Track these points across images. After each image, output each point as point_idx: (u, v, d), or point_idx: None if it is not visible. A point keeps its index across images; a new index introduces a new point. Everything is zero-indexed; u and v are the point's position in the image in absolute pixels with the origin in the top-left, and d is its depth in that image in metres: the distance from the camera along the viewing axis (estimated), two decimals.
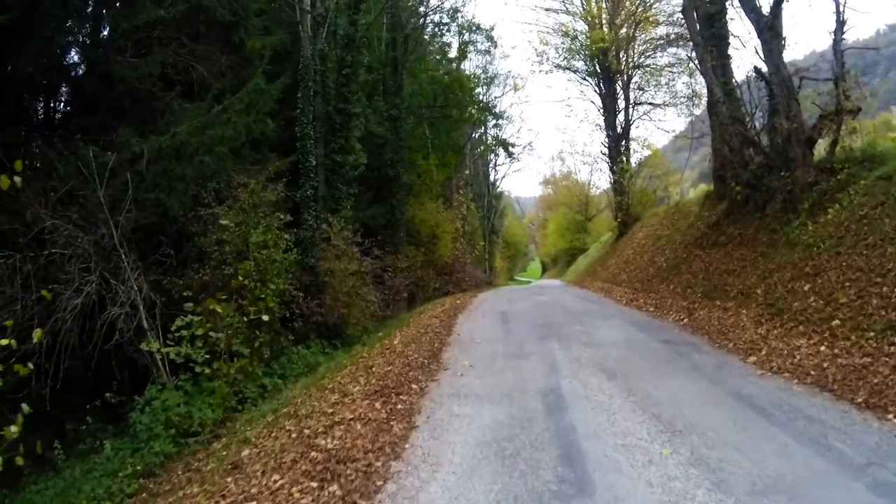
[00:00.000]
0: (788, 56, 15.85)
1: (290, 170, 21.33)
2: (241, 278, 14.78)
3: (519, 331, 15.24)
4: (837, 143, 15.04)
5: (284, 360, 17.00)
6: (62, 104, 18.68)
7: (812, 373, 8.99)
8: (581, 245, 71.36)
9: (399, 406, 8.93)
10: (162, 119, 16.69)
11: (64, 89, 18.26)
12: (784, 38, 15.43)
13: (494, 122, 52.69)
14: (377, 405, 8.96)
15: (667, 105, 38.55)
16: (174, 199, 15.72)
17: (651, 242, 26.19)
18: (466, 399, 9.17)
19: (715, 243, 17.85)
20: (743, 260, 15.35)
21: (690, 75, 36.34)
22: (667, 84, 38.07)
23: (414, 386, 10.06)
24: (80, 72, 18.04)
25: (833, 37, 15.05)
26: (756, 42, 15.90)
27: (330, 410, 8.94)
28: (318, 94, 23.18)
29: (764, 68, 15.71)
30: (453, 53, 44.88)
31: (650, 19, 36.39)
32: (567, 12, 39.93)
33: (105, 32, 17.75)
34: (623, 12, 37.28)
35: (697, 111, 36.60)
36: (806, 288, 11.79)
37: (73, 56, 17.99)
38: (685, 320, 14.53)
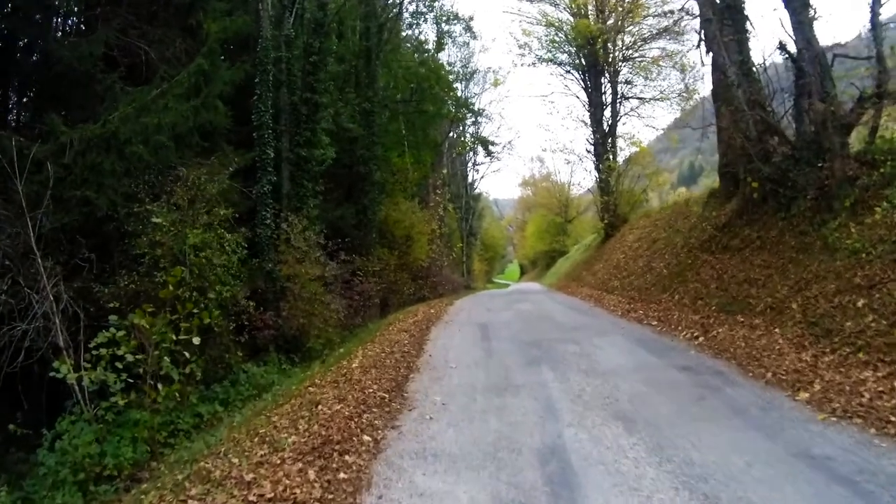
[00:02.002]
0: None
1: (249, 165, 19.50)
2: (170, 287, 12.20)
3: (502, 351, 12.79)
4: (877, 130, 12.71)
5: (229, 381, 14.71)
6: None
7: (893, 419, 6.71)
8: (561, 247, 70.97)
9: (342, 475, 6.37)
10: (102, 105, 14.83)
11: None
12: (814, 9, 13.20)
13: (473, 119, 51.28)
14: (311, 473, 6.39)
15: (656, 100, 36.60)
16: (102, 196, 13.70)
17: (646, 246, 23.78)
18: (436, 462, 6.66)
19: (726, 247, 15.56)
20: (767, 267, 13.04)
21: (682, 70, 35.07)
22: (659, 75, 36.26)
23: (367, 437, 7.48)
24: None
25: (871, 9, 12.73)
26: (780, 16, 13.64)
27: (249, 477, 6.40)
28: (283, 84, 21.40)
29: (791, 46, 13.48)
30: (430, 46, 42.77)
31: (640, 8, 34.40)
32: (551, 2, 37.82)
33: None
34: (612, 1, 35.23)
35: (689, 105, 35.55)
36: (860, 304, 9.48)
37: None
38: (700, 339, 12.17)
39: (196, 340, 11.30)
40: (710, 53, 18.22)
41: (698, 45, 20.43)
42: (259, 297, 18.54)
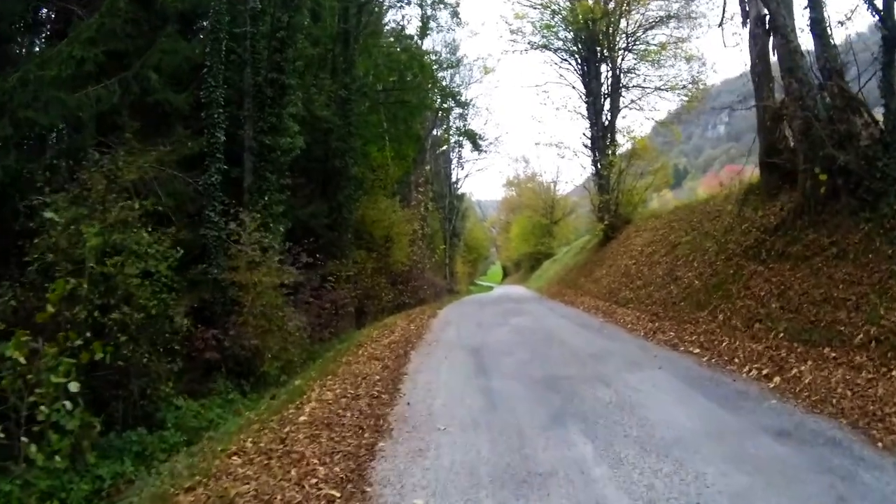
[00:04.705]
0: None
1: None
2: (49, 307, 8.66)
3: (508, 396, 9.37)
4: None
5: (145, 427, 11.42)
6: None
7: None
8: (546, 249, 69.58)
9: None
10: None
11: None
12: None
13: (459, 111, 48.58)
14: None
15: (661, 89, 33.78)
16: None
17: (664, 251, 20.31)
18: None
19: (783, 255, 12.32)
20: (856, 283, 9.82)
21: (688, 60, 33.09)
22: (665, 63, 33.51)
23: None
24: None
25: None
26: None
27: None
28: (246, 63, 18.86)
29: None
30: (414, 32, 40.23)
31: None
32: None
33: None
34: None
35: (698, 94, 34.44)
36: None
37: None
38: (776, 380, 8.87)
39: (74, 387, 7.82)
40: (747, 25, 15.46)
41: (721, 24, 17.62)
42: (205, 311, 15.73)
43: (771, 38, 14.53)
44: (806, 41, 12.75)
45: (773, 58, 14.56)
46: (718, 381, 9.37)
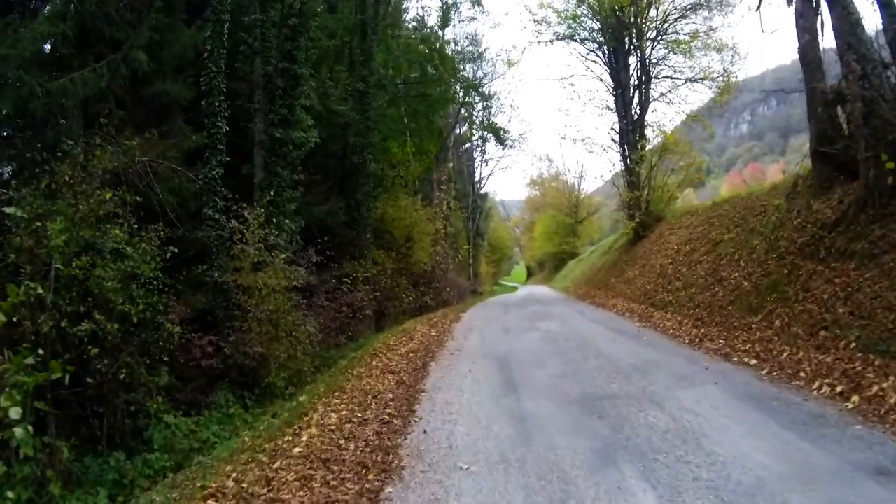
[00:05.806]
0: None
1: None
2: (1, 317, 7.28)
3: (543, 422, 7.89)
4: None
5: (124, 450, 10.19)
6: None
7: None
8: (571, 249, 70.12)
9: None
10: None
11: None
12: None
13: (483, 103, 47.36)
14: None
15: (693, 80, 32.29)
16: None
17: (704, 249, 18.70)
18: None
19: (846, 253, 10.86)
20: None
21: (719, 50, 31.54)
22: (697, 53, 32.04)
23: None
24: None
25: None
26: None
27: None
28: (257, 53, 17.78)
29: None
30: (434, 22, 39.17)
31: None
32: None
33: None
34: None
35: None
36: None
37: None
38: (855, 399, 7.42)
39: (15, 413, 6.44)
40: (792, 3, 14.11)
41: (759, 7, 16.28)
42: (207, 316, 14.75)
43: (819, 17, 13.27)
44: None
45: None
46: (787, 401, 7.92)
